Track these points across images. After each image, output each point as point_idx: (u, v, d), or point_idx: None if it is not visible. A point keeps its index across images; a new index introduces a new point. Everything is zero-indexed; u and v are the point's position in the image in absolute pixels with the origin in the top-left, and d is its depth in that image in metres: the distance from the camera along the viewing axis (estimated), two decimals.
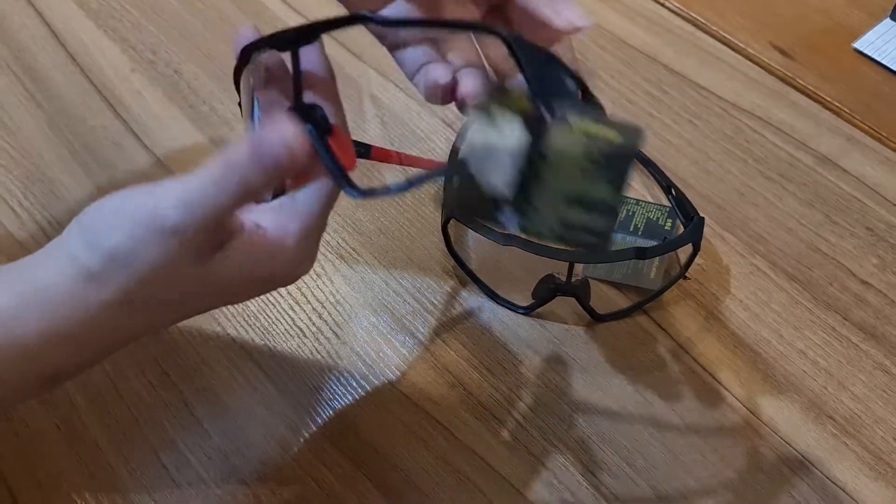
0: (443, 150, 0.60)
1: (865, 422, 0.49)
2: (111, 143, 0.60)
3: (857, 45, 0.68)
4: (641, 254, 0.47)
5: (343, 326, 0.52)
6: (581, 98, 0.36)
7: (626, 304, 0.53)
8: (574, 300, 0.51)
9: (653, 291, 0.53)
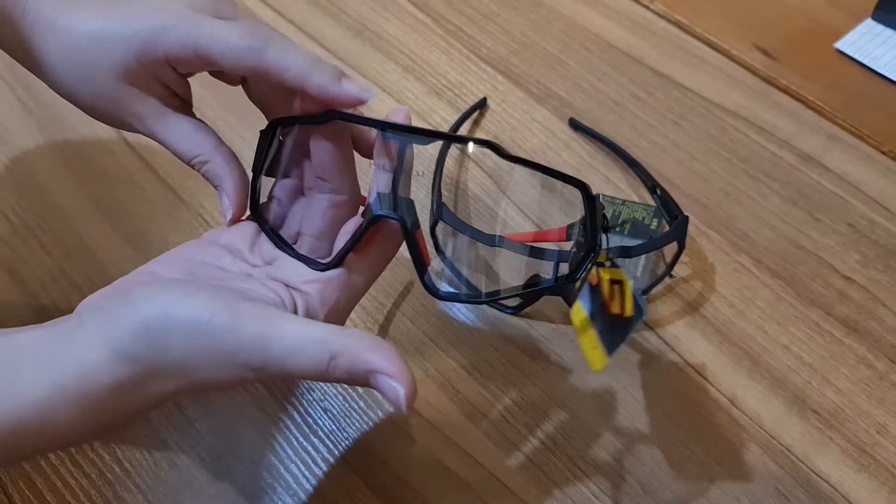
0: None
1: (849, 415, 0.49)
2: (104, 151, 0.61)
3: (839, 46, 0.69)
4: (626, 252, 0.48)
5: None
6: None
7: None
8: (561, 299, 0.51)
9: (639, 290, 0.53)
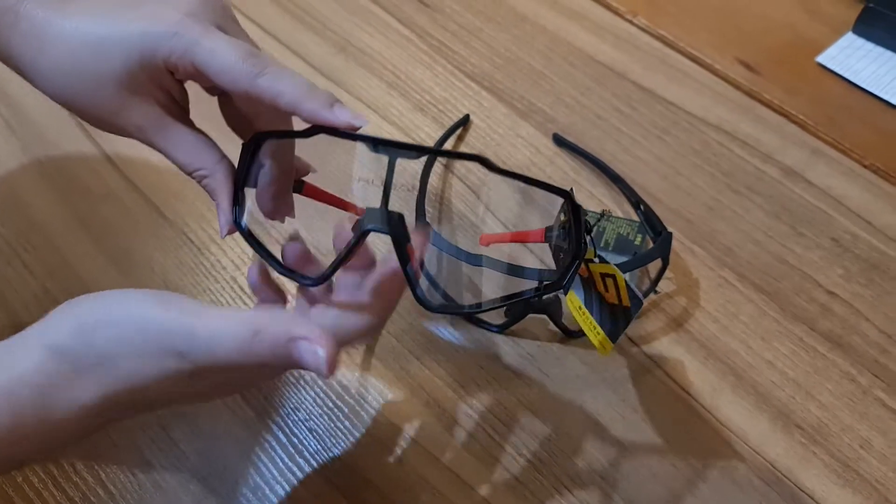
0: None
1: (833, 430, 0.50)
2: (87, 169, 0.61)
3: (821, 60, 0.69)
4: None
5: None
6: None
7: None
8: (546, 317, 0.52)
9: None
